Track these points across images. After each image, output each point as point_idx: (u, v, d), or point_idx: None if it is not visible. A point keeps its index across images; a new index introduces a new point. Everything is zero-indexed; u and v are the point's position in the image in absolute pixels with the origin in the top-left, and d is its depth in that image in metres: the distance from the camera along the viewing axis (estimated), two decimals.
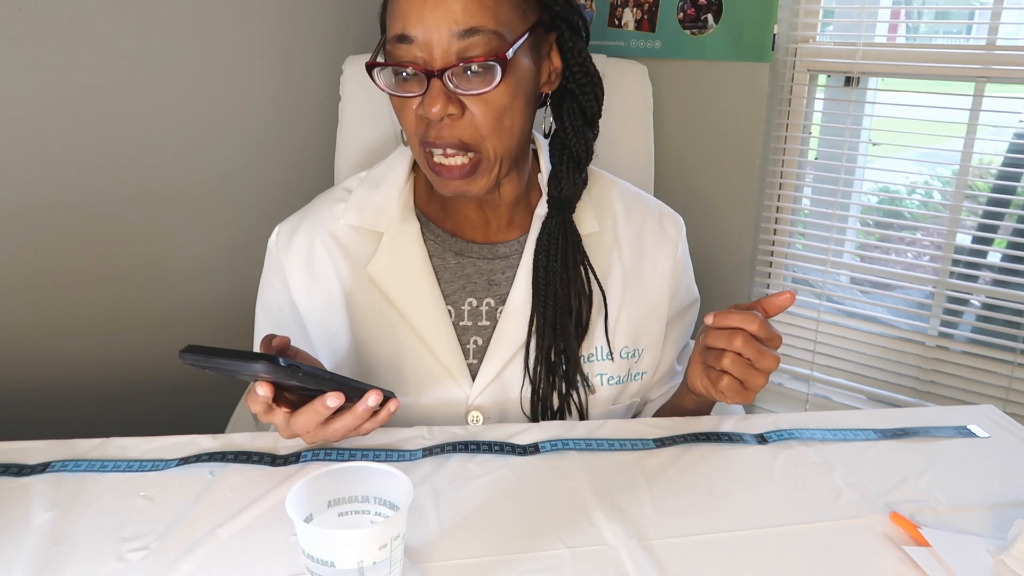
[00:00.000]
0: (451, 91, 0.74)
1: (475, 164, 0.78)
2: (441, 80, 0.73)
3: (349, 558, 0.51)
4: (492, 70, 0.73)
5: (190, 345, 0.61)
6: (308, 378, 0.64)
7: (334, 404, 0.65)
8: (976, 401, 1.48)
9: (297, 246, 0.88)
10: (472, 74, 0.74)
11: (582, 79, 0.83)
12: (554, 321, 0.83)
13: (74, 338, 1.41)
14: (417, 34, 0.73)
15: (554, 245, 0.84)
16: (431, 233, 0.88)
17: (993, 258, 1.57)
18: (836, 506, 0.66)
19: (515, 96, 0.77)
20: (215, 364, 0.61)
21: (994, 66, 1.38)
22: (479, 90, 0.74)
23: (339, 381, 0.67)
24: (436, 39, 0.72)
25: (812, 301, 1.70)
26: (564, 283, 0.84)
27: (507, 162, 0.80)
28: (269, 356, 0.61)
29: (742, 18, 1.52)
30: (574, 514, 0.64)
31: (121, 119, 1.37)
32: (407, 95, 0.76)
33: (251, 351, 0.62)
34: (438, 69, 0.73)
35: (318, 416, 0.66)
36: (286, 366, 0.61)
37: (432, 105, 0.73)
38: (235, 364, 0.61)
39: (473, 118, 0.76)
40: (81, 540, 0.61)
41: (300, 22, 1.54)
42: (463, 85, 0.74)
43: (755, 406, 1.82)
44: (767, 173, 1.66)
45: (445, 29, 0.72)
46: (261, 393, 0.65)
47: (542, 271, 0.84)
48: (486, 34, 0.73)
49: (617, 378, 0.87)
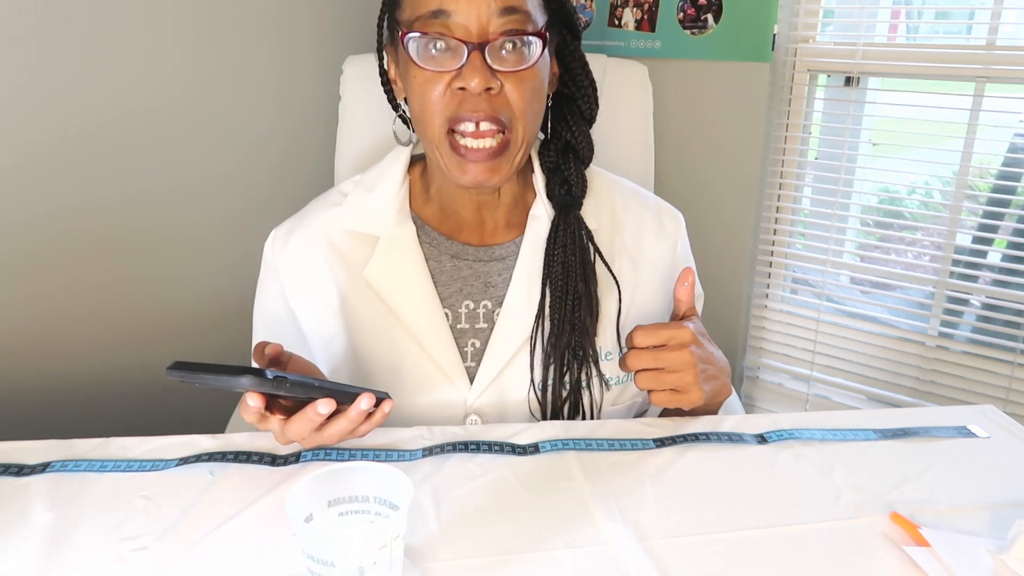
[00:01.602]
0: (489, 65, 0.75)
1: (504, 145, 0.79)
2: (483, 53, 0.74)
3: (349, 558, 0.51)
4: (530, 47, 0.76)
5: (177, 362, 0.61)
6: (296, 388, 0.64)
7: (325, 411, 0.65)
8: (976, 401, 1.48)
9: (293, 251, 0.88)
10: (507, 53, 0.76)
11: (582, 80, 0.85)
12: (572, 318, 0.83)
13: (74, 338, 1.41)
14: (455, 8, 0.74)
15: (570, 241, 0.84)
16: (427, 236, 0.88)
17: (993, 258, 1.57)
18: (836, 506, 0.66)
19: (543, 81, 0.79)
20: (202, 380, 0.61)
21: (994, 66, 1.38)
22: (515, 68, 0.76)
23: (329, 388, 0.66)
24: (476, 15, 0.74)
25: (812, 301, 1.70)
26: (584, 278, 0.84)
27: (526, 151, 0.82)
28: (255, 369, 0.61)
29: (742, 18, 1.52)
30: (574, 514, 0.64)
31: (121, 119, 1.37)
32: (442, 70, 0.76)
33: (237, 365, 0.62)
34: (478, 42, 0.74)
35: (311, 423, 0.66)
36: (272, 378, 0.62)
37: (472, 77, 0.74)
38: (221, 379, 0.62)
39: (508, 96, 0.77)
40: (81, 540, 0.61)
41: (300, 22, 1.54)
42: (499, 62, 0.76)
43: (755, 406, 1.82)
44: (767, 173, 1.66)
45: (485, 5, 0.74)
46: (251, 404, 0.65)
47: (559, 268, 0.84)
48: (522, 14, 0.75)
49: (618, 378, 0.87)
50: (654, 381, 0.74)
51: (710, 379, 0.76)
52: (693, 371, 0.74)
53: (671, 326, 0.75)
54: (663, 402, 0.75)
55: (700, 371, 0.74)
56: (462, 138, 0.78)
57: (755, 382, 1.82)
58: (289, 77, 1.55)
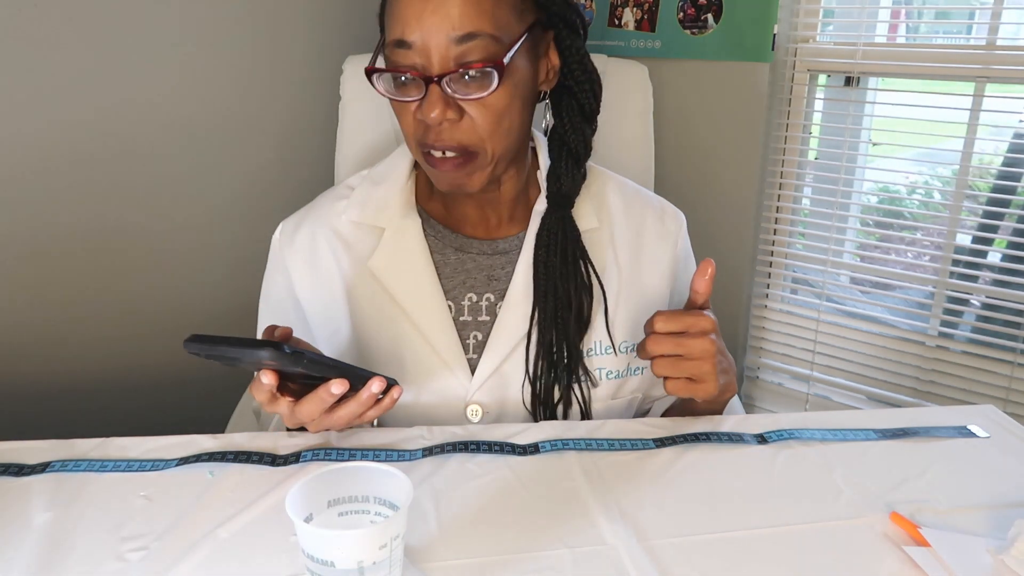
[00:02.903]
0: (449, 96, 0.74)
1: (471, 159, 0.78)
2: (439, 86, 0.73)
3: (349, 558, 0.51)
4: (490, 75, 0.73)
5: (195, 334, 0.61)
6: (312, 365, 0.64)
7: (339, 391, 0.65)
8: (976, 401, 1.48)
9: (300, 242, 0.89)
10: (470, 79, 0.74)
11: (580, 76, 0.84)
12: (554, 316, 0.84)
13: (75, 338, 1.41)
14: (415, 39, 0.73)
15: (553, 241, 0.85)
16: (432, 229, 0.89)
17: (993, 258, 1.57)
18: (836, 506, 0.66)
19: (513, 98, 0.77)
20: (219, 352, 0.61)
21: (994, 66, 1.38)
22: (477, 95, 0.74)
23: (343, 368, 0.67)
24: (434, 44, 0.73)
25: (812, 301, 1.70)
26: (564, 278, 0.84)
27: (504, 161, 0.81)
28: (274, 343, 0.61)
29: (742, 18, 1.52)
30: (574, 514, 0.64)
31: (121, 119, 1.37)
32: (406, 99, 0.76)
33: (256, 339, 0.62)
34: (436, 75, 0.73)
35: (322, 404, 0.67)
36: (291, 353, 0.61)
37: (431, 110, 0.73)
38: (239, 351, 0.61)
39: (472, 122, 0.76)
40: (81, 540, 0.61)
41: (300, 22, 1.54)
42: (461, 90, 0.74)
43: (755, 406, 1.82)
44: (767, 173, 1.66)
45: (443, 34, 0.72)
46: (265, 381, 0.65)
47: (542, 266, 0.84)
48: (483, 39, 0.73)
49: (617, 372, 0.87)
50: (672, 368, 0.74)
51: (724, 372, 0.76)
52: (712, 360, 0.73)
53: (692, 314, 0.74)
54: (678, 390, 0.75)
55: (716, 362, 0.74)
56: (432, 152, 0.78)
57: (755, 382, 1.82)
58: (289, 77, 1.55)
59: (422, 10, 0.72)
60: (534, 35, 0.79)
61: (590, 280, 0.86)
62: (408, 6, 0.73)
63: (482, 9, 0.72)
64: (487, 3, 0.73)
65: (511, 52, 0.74)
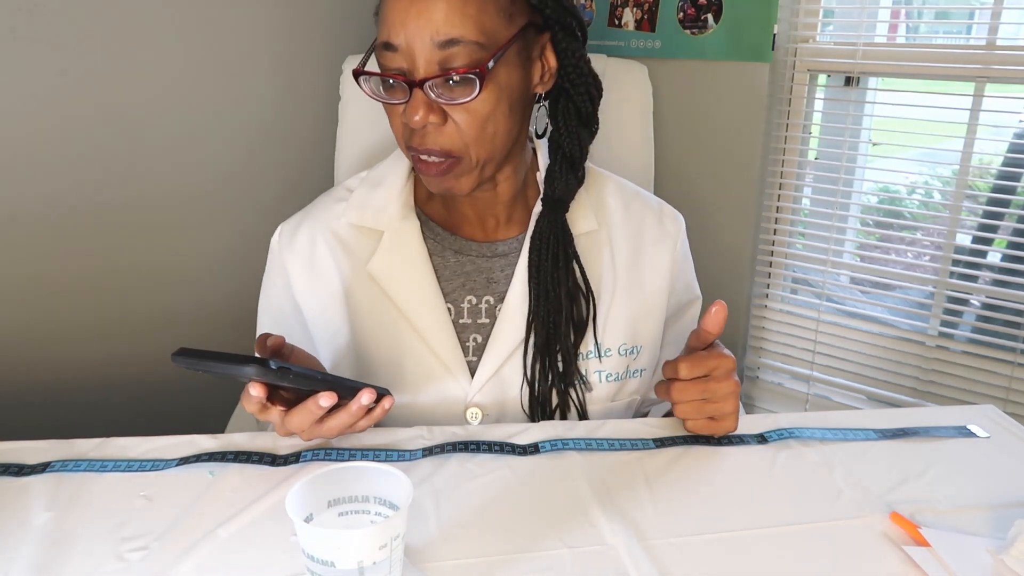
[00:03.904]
0: (432, 100, 0.74)
1: (453, 164, 0.78)
2: (422, 90, 0.73)
3: (349, 558, 0.51)
4: (472, 81, 0.73)
5: (182, 348, 0.62)
6: (299, 379, 0.64)
7: (326, 404, 0.66)
8: (976, 401, 1.48)
9: (299, 244, 0.89)
10: (453, 84, 0.73)
11: (576, 80, 0.83)
12: (547, 319, 0.84)
13: (75, 338, 1.41)
14: (400, 43, 0.73)
15: (546, 244, 0.85)
16: (431, 231, 0.88)
17: (993, 258, 1.57)
18: (836, 506, 0.66)
19: (499, 103, 0.76)
20: (206, 367, 0.62)
21: (994, 66, 1.38)
22: (460, 100, 0.74)
23: (331, 381, 0.67)
24: (418, 48, 0.72)
25: (812, 301, 1.70)
26: (555, 282, 0.84)
27: (492, 165, 0.80)
28: (259, 359, 0.62)
29: (742, 18, 1.52)
30: (574, 514, 0.64)
31: (121, 119, 1.37)
32: (392, 102, 0.76)
33: (242, 354, 0.63)
34: (420, 79, 0.73)
35: (311, 415, 0.67)
36: (276, 369, 0.62)
37: (414, 114, 0.73)
38: (226, 367, 0.62)
39: (456, 126, 0.76)
40: (81, 540, 0.61)
41: (300, 22, 1.54)
42: (445, 95, 0.74)
43: (755, 406, 1.82)
44: (767, 173, 1.66)
45: (427, 39, 0.72)
46: (254, 394, 0.65)
47: (535, 270, 0.85)
48: (467, 45, 0.72)
49: (615, 375, 0.87)
50: (695, 411, 0.75)
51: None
52: (735, 401, 0.75)
53: (714, 356, 0.75)
54: (699, 429, 0.76)
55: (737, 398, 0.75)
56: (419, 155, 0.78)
57: (755, 382, 1.82)
58: (289, 77, 1.55)
59: (407, 14, 0.72)
60: (527, 38, 0.78)
61: (586, 284, 0.86)
62: (394, 10, 0.73)
63: (466, 14, 0.72)
64: (472, 8, 0.72)
65: (496, 58, 0.74)
